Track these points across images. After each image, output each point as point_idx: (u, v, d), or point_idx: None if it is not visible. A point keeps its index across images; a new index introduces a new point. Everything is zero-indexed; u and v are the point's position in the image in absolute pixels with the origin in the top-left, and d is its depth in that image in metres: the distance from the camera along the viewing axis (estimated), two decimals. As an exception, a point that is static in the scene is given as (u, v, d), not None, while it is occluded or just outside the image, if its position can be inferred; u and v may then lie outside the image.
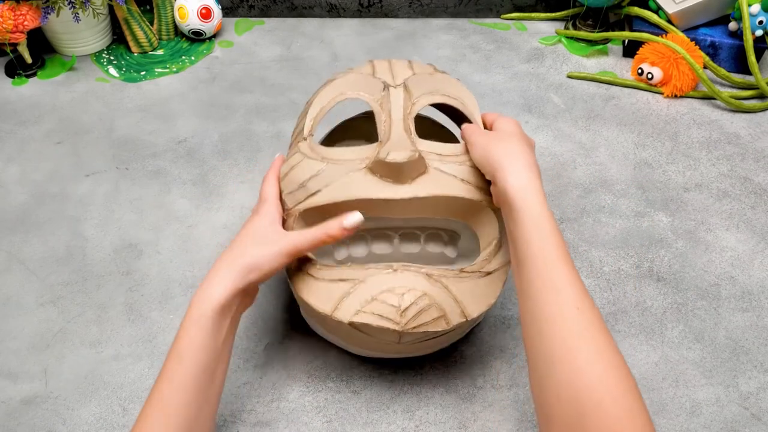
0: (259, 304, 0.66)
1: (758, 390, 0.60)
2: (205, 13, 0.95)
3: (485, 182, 0.54)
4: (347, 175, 0.53)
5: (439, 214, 0.56)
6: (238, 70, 0.95)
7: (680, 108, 0.89)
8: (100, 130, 0.85)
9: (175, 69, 0.94)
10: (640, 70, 0.91)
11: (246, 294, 0.53)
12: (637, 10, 0.95)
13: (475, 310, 0.52)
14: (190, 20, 0.95)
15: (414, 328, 0.50)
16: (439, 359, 0.62)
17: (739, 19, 0.89)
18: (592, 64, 0.96)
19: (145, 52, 0.97)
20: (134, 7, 0.92)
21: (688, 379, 0.61)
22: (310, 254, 0.54)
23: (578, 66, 0.96)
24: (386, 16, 1.05)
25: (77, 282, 0.68)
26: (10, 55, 0.91)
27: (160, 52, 0.97)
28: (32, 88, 0.91)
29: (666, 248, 0.72)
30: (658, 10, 0.94)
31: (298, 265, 0.55)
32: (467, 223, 0.57)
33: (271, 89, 0.91)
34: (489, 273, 0.54)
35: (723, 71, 0.90)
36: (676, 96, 0.90)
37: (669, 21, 0.93)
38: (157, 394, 0.48)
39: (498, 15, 1.05)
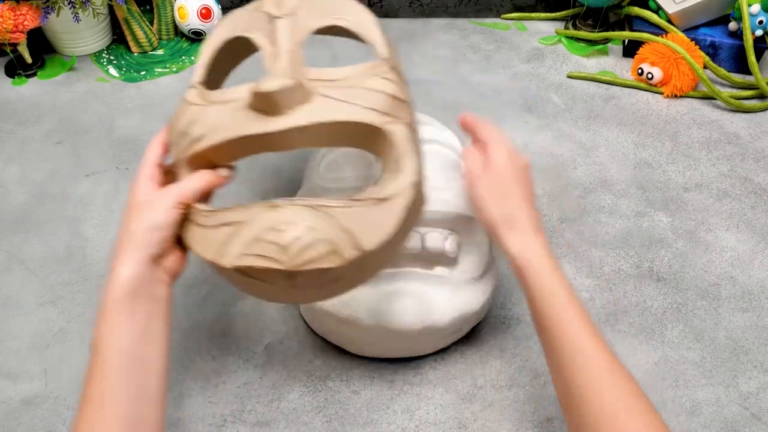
0: (259, 303, 0.66)
1: (758, 390, 0.60)
2: (205, 13, 0.95)
3: (378, 102, 0.51)
4: (227, 114, 0.50)
5: (329, 144, 0.52)
6: (237, 70, 0.94)
7: (680, 108, 0.89)
8: (100, 130, 0.85)
9: (175, 69, 0.94)
10: (640, 70, 0.91)
11: (160, 260, 0.50)
12: (637, 10, 0.95)
13: (370, 241, 0.47)
14: (190, 20, 0.95)
15: (300, 265, 0.46)
16: (440, 359, 0.62)
17: (739, 19, 0.89)
18: (592, 64, 0.96)
19: (145, 52, 0.97)
20: (134, 7, 0.92)
21: (688, 379, 0.61)
22: (198, 204, 0.51)
23: (578, 66, 0.96)
24: (386, 16, 1.05)
25: (77, 282, 0.68)
26: (10, 55, 0.91)
27: (160, 52, 0.97)
28: (32, 88, 0.91)
29: (666, 248, 0.72)
30: (658, 10, 0.94)
31: (187, 215, 0.51)
32: (366, 150, 0.53)
33: (271, 89, 0.91)
34: (385, 199, 0.48)
35: (723, 71, 0.90)
36: (676, 96, 0.90)
37: (669, 21, 0.93)
38: (87, 394, 0.45)
39: (498, 15, 1.05)
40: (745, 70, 0.92)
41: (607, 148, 0.83)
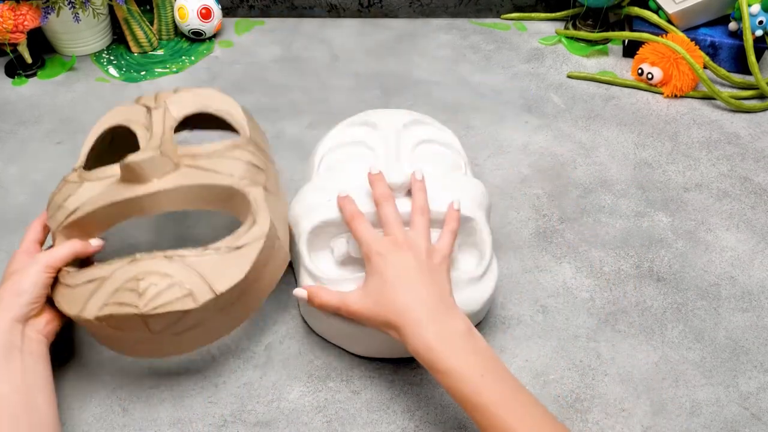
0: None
1: (758, 390, 0.60)
2: (205, 13, 0.95)
3: (238, 169, 0.58)
4: (100, 188, 0.56)
5: (193, 205, 0.57)
6: (238, 70, 0.95)
7: (680, 108, 0.89)
8: (100, 130, 0.85)
9: (175, 69, 0.94)
10: (640, 70, 0.91)
11: (31, 320, 0.54)
12: (637, 10, 0.95)
13: (223, 285, 0.52)
14: (190, 20, 0.95)
15: (155, 308, 0.50)
16: (439, 359, 0.62)
17: (739, 19, 0.89)
18: (592, 64, 0.96)
19: (145, 52, 0.97)
20: (134, 7, 0.92)
21: (688, 379, 0.61)
22: (67, 267, 0.56)
23: (578, 66, 0.96)
24: (386, 16, 1.05)
25: (77, 282, 0.68)
26: (10, 55, 0.91)
27: (160, 52, 0.97)
28: (32, 88, 0.91)
29: (666, 248, 0.72)
30: (658, 10, 0.94)
31: (57, 278, 0.56)
32: (226, 211, 0.59)
33: (271, 89, 0.91)
34: (238, 248, 0.54)
35: (723, 71, 0.90)
36: (676, 96, 0.90)
37: (669, 21, 0.93)
38: None
39: (498, 15, 1.05)
40: (745, 70, 0.92)
41: (607, 148, 0.83)
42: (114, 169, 0.58)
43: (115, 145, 0.66)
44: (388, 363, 0.61)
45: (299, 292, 0.58)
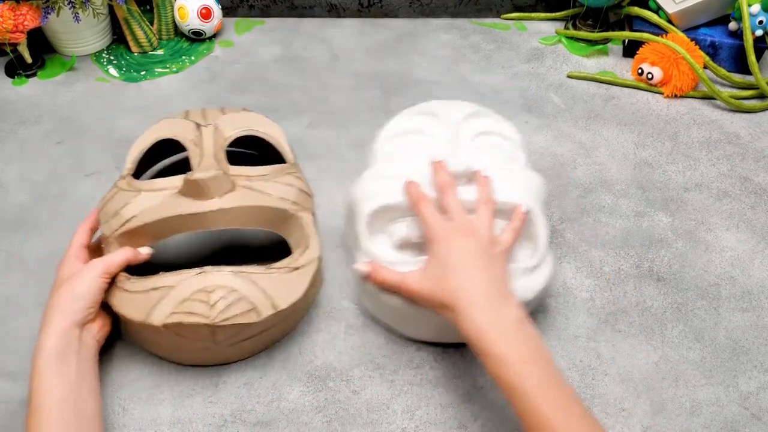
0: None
1: (758, 390, 0.60)
2: (205, 13, 0.95)
3: (290, 194, 0.62)
4: (159, 199, 0.59)
5: (249, 224, 0.60)
6: (238, 70, 0.95)
7: (680, 108, 0.89)
8: (100, 130, 0.85)
9: (175, 69, 0.94)
10: (640, 70, 0.91)
11: (86, 325, 0.55)
12: (637, 10, 0.95)
13: (284, 302, 0.56)
14: (190, 20, 0.95)
15: (225, 320, 0.53)
16: (440, 359, 0.62)
17: (739, 19, 0.89)
18: (592, 64, 0.96)
19: (145, 52, 0.97)
20: (134, 7, 0.92)
21: (688, 379, 0.61)
22: (123, 273, 0.58)
23: (578, 66, 0.96)
24: (386, 16, 1.05)
25: (77, 282, 0.68)
26: (10, 55, 0.91)
27: (160, 52, 0.97)
28: (32, 88, 0.91)
29: (666, 248, 0.72)
30: (658, 10, 0.94)
31: (113, 282, 0.58)
32: (277, 231, 0.63)
33: (271, 89, 0.91)
34: (296, 268, 0.59)
35: (723, 71, 0.90)
36: (676, 96, 0.90)
37: (669, 21, 0.93)
38: None
39: (498, 15, 1.05)
40: (745, 70, 0.92)
41: (607, 148, 0.83)
42: (169, 182, 0.60)
43: (156, 151, 0.69)
44: (388, 363, 0.62)
45: (361, 267, 0.59)
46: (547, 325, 0.64)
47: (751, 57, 0.87)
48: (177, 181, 0.60)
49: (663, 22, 0.92)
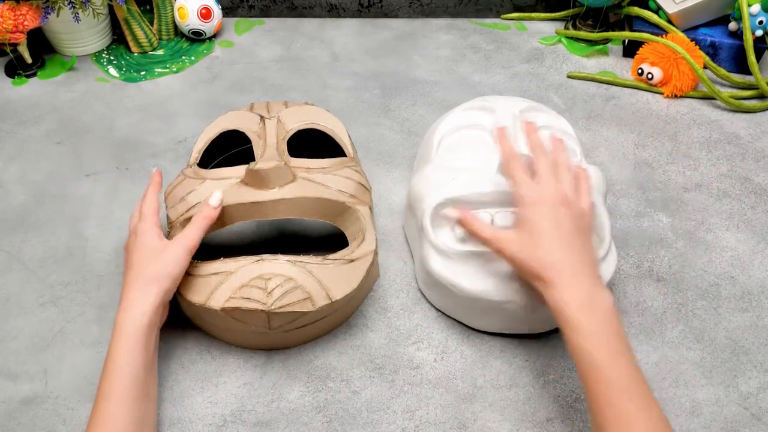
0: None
1: (758, 390, 0.60)
2: (205, 13, 0.95)
3: (349, 187, 0.63)
4: (222, 187, 0.61)
5: (308, 215, 0.62)
6: (238, 70, 0.95)
7: (680, 108, 0.89)
8: (100, 130, 0.85)
9: (175, 69, 0.94)
10: (640, 70, 0.91)
11: (165, 306, 0.57)
12: (637, 10, 0.95)
13: (338, 293, 0.57)
14: (190, 20, 0.95)
15: (281, 307, 0.55)
16: (439, 359, 0.62)
17: (739, 19, 0.89)
18: (592, 64, 0.96)
19: (145, 52, 0.97)
20: (134, 7, 0.92)
21: (688, 379, 0.61)
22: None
23: (578, 66, 0.96)
24: (386, 16, 1.05)
25: (77, 282, 0.68)
26: (10, 55, 0.91)
27: (160, 52, 0.97)
28: (32, 88, 0.91)
29: (666, 248, 0.72)
30: (658, 10, 0.94)
31: None
32: (334, 223, 0.64)
33: (271, 89, 0.91)
34: (352, 260, 0.60)
35: (723, 71, 0.90)
36: (676, 96, 0.90)
37: (669, 21, 0.93)
38: (99, 413, 0.50)
39: (498, 15, 1.05)
40: (745, 70, 0.92)
41: (607, 148, 0.83)
42: (232, 171, 0.63)
43: (220, 142, 0.70)
44: (387, 363, 0.62)
45: (451, 212, 0.59)
46: (547, 325, 0.64)
47: (751, 57, 0.87)
48: (240, 170, 0.62)
49: (663, 22, 0.92)
